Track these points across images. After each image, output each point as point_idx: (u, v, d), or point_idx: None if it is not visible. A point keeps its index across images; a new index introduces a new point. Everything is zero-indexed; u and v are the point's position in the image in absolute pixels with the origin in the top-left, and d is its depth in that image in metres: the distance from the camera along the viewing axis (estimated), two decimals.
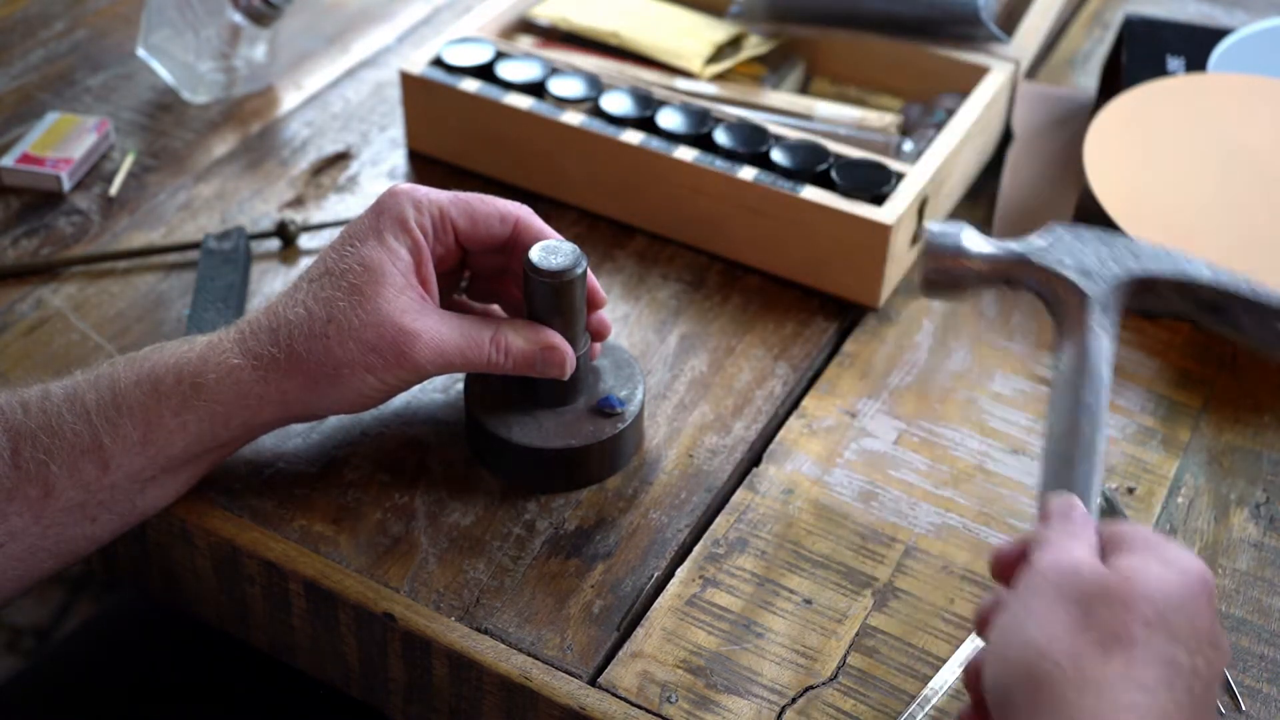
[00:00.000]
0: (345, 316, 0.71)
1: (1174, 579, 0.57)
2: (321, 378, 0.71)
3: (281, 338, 0.71)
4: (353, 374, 0.71)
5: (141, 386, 0.70)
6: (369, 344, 0.71)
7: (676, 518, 0.78)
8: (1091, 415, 0.66)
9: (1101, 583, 0.57)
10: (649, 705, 0.69)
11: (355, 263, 0.72)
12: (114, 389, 0.70)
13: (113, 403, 0.69)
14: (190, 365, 0.71)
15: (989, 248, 0.72)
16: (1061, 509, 0.63)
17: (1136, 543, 0.60)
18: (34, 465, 0.68)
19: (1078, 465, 0.65)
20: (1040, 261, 0.71)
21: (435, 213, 0.74)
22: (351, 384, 0.72)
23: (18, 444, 0.68)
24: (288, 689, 0.91)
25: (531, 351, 0.75)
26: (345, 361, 0.71)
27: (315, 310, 0.71)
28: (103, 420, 0.69)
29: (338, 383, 0.71)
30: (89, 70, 1.10)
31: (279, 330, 0.71)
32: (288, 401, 0.72)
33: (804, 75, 1.07)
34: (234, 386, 0.71)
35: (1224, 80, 1.01)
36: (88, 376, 0.70)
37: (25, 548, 0.68)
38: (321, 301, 0.71)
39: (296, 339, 0.71)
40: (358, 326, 0.71)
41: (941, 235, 0.72)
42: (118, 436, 0.69)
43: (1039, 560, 0.59)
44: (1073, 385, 0.67)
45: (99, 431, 0.69)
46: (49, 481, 0.68)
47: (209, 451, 0.73)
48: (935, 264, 0.72)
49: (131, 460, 0.70)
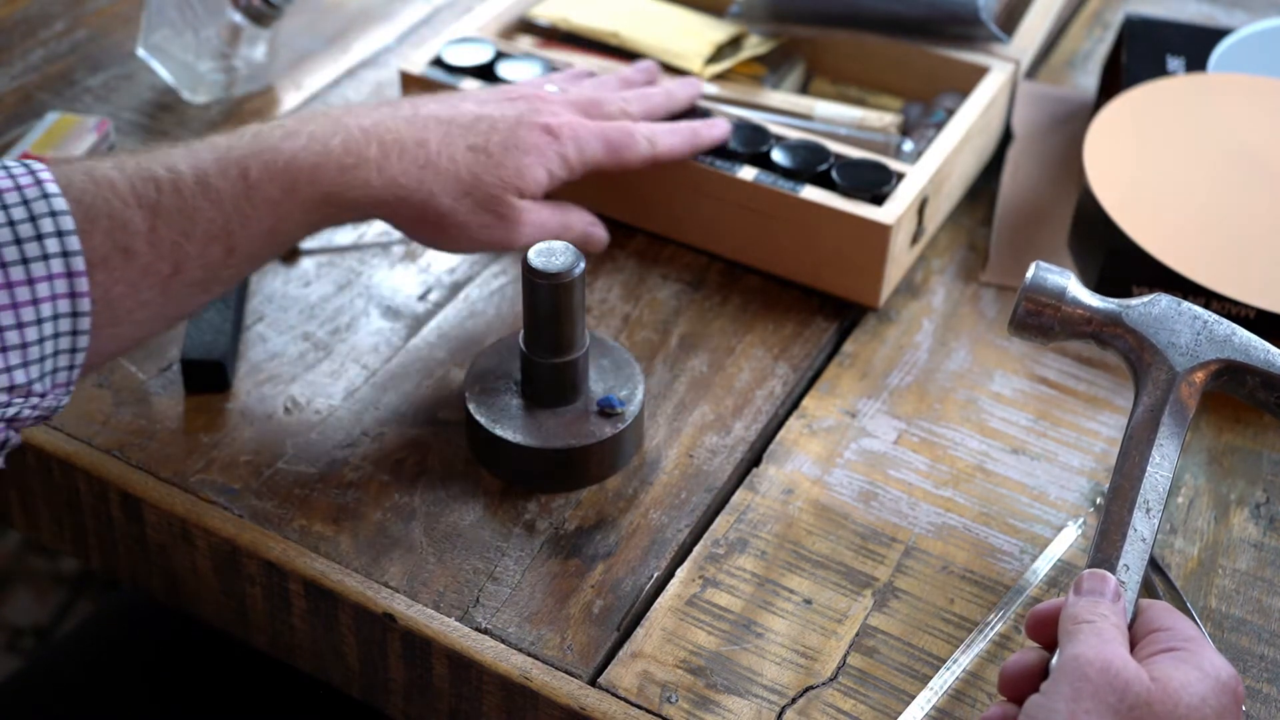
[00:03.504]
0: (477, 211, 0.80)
1: (1210, 691, 0.58)
2: (438, 227, 0.80)
3: (426, 185, 0.78)
4: (461, 233, 0.81)
5: (276, 184, 0.73)
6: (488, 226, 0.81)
7: (676, 518, 0.78)
8: (1149, 482, 0.67)
9: (1145, 697, 0.57)
10: (649, 705, 0.69)
11: (509, 176, 0.80)
12: (246, 180, 0.73)
13: (246, 195, 0.72)
14: (329, 176, 0.75)
15: (1089, 300, 0.72)
16: (1093, 585, 0.63)
17: (1174, 643, 0.60)
18: (168, 245, 0.70)
19: (1124, 531, 0.65)
20: (1135, 326, 0.71)
21: (586, 166, 0.84)
22: (459, 239, 0.81)
23: (154, 222, 0.70)
24: (288, 689, 0.91)
25: (582, 227, 0.86)
26: (467, 225, 0.80)
27: (461, 175, 0.79)
28: (235, 210, 0.72)
29: (443, 232, 0.80)
30: (89, 70, 1.10)
31: (425, 178, 0.78)
32: (399, 225, 0.80)
33: (804, 75, 1.07)
34: (368, 208, 0.78)
35: (1224, 80, 1.01)
36: (213, 158, 0.72)
37: (149, 315, 0.71)
38: (467, 168, 0.79)
39: (438, 194, 0.78)
40: (489, 224, 0.81)
41: (1046, 278, 0.73)
42: (247, 226, 0.73)
43: (1079, 654, 0.58)
44: (1139, 453, 0.68)
45: (230, 220, 0.72)
46: (179, 261, 0.71)
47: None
48: (1033, 306, 0.72)
49: (255, 248, 0.74)
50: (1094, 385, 0.87)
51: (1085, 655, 0.58)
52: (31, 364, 0.65)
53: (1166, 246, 0.87)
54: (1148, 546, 0.65)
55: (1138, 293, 0.88)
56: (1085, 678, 0.57)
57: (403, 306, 0.90)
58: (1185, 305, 0.72)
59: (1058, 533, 0.78)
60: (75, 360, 0.67)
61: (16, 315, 0.64)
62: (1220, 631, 0.74)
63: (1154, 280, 0.87)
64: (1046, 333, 0.73)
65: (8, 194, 0.64)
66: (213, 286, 0.74)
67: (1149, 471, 0.67)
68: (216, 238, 0.72)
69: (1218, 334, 0.70)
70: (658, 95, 0.92)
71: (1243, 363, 0.70)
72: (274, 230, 0.74)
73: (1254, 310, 0.86)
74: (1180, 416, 0.69)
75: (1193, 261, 0.86)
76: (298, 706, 0.91)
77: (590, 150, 0.84)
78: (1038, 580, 0.76)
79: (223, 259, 0.72)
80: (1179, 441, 0.68)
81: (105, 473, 0.79)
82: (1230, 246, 0.88)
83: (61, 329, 0.66)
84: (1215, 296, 0.86)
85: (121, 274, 0.68)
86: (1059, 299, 0.72)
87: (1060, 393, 0.87)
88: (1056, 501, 0.80)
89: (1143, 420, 0.69)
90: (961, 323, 0.91)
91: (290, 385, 0.85)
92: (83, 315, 0.66)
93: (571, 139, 0.83)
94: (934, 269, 0.95)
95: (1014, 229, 0.98)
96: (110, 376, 0.84)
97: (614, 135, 0.85)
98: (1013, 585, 0.75)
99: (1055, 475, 0.82)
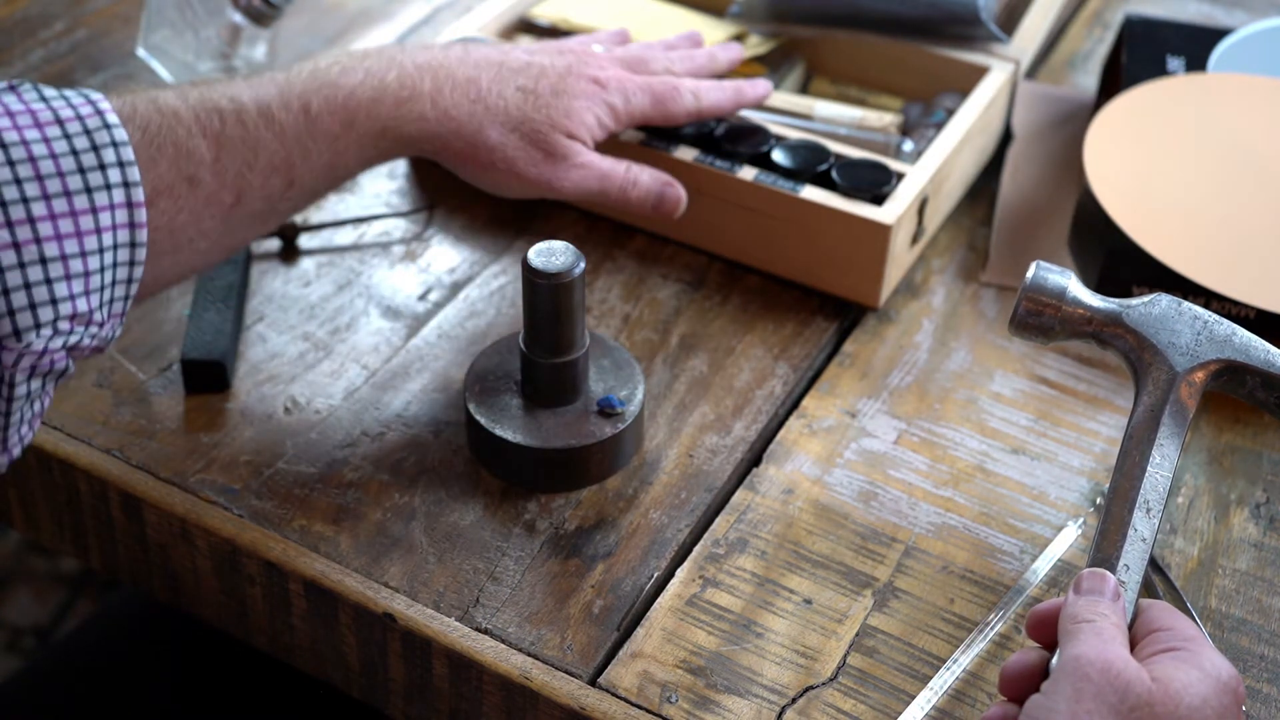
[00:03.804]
0: (525, 146, 0.82)
1: (1211, 692, 0.58)
2: (487, 162, 0.81)
3: (477, 118, 0.80)
4: (510, 168, 0.82)
5: (336, 117, 0.75)
6: (537, 163, 0.82)
7: (676, 518, 0.78)
8: (1149, 482, 0.67)
9: (1146, 697, 0.57)
10: (649, 705, 0.69)
11: (557, 116, 0.82)
12: (307, 114, 0.74)
13: (307, 130, 0.74)
14: (385, 110, 0.77)
15: (1090, 300, 0.72)
16: (1092, 584, 0.63)
17: (1174, 643, 0.60)
18: (232, 175, 0.71)
19: (1125, 530, 0.65)
20: (1135, 326, 0.71)
21: (633, 118, 0.87)
22: (508, 176, 0.82)
23: (219, 152, 0.71)
24: (288, 689, 0.91)
25: (657, 186, 0.87)
26: (515, 160, 0.81)
27: (510, 110, 0.81)
28: (296, 143, 0.74)
29: (492, 167, 0.82)
30: (89, 70, 1.09)
31: (476, 112, 0.80)
32: (449, 162, 0.82)
33: (804, 75, 1.07)
34: (421, 142, 0.79)
35: (1224, 80, 1.01)
36: (274, 91, 0.74)
37: (209, 245, 0.72)
38: (516, 106, 0.81)
39: (487, 127, 0.80)
40: (537, 160, 0.82)
41: (1046, 278, 0.73)
42: (308, 159, 0.75)
43: (1080, 654, 0.58)
44: (1139, 452, 0.68)
45: (292, 152, 0.74)
46: (242, 191, 0.72)
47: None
48: (1033, 305, 0.72)
49: (314, 180, 0.76)
50: (1094, 385, 0.87)
51: (1086, 655, 0.58)
52: (93, 292, 0.65)
53: (1166, 246, 0.87)
54: (1148, 546, 0.65)
55: (1138, 293, 0.88)
56: (1086, 678, 0.57)
57: (403, 306, 0.90)
58: (1185, 305, 0.72)
59: (1058, 533, 0.78)
60: (130, 291, 0.67)
61: (80, 243, 0.64)
62: (1220, 631, 0.74)
63: (1154, 280, 0.87)
64: (1046, 332, 0.73)
65: (69, 123, 0.64)
66: (270, 219, 0.75)
67: (1149, 471, 0.67)
68: (278, 169, 0.73)
69: (1218, 334, 0.70)
70: (701, 56, 0.94)
71: (1243, 363, 0.70)
72: (332, 165, 0.76)
73: (1254, 310, 0.86)
74: (1180, 416, 0.69)
75: (1193, 261, 0.86)
76: (298, 706, 0.91)
77: (637, 102, 0.86)
78: (1038, 580, 0.76)
79: (282, 191, 0.74)
80: (1179, 441, 0.68)
81: (105, 473, 0.79)
82: (1230, 246, 0.88)
83: (120, 259, 0.66)
84: (1215, 296, 0.86)
85: (186, 202, 0.69)
86: (1059, 299, 0.72)
87: (1060, 393, 0.87)
88: (1056, 501, 0.80)
89: (1143, 420, 0.69)
90: (961, 323, 0.91)
91: (290, 385, 0.85)
92: (139, 246, 0.66)
93: (619, 90, 0.86)
94: (934, 269, 0.95)
95: (1014, 229, 0.98)
96: (110, 376, 0.84)
97: (660, 88, 0.87)
98: (1013, 585, 0.75)
99: (1055, 475, 0.82)
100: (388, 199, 0.99)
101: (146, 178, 0.67)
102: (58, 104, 0.64)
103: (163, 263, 0.70)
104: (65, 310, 0.64)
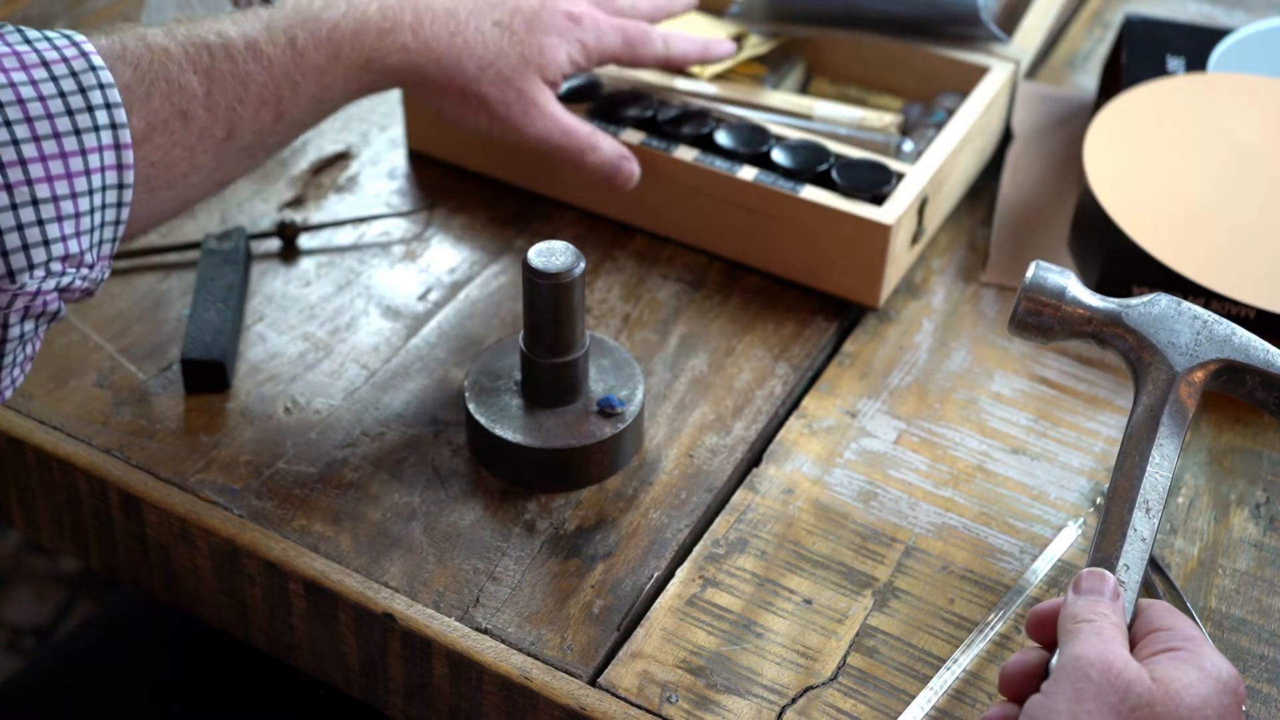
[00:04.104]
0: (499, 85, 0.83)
1: (1212, 692, 0.58)
2: (462, 96, 0.83)
3: (455, 50, 0.81)
4: (482, 107, 0.84)
5: (322, 51, 0.76)
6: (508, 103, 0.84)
7: (676, 518, 0.78)
8: (1149, 482, 0.67)
9: (1147, 697, 0.57)
10: (649, 705, 0.69)
11: (531, 54, 0.84)
12: (294, 48, 0.75)
13: (294, 63, 0.75)
14: (368, 42, 0.78)
15: (1089, 299, 0.72)
16: (1092, 584, 0.63)
17: (1174, 642, 0.60)
18: (224, 109, 0.72)
19: (1124, 530, 0.65)
20: (1135, 326, 0.71)
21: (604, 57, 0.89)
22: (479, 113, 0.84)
23: (210, 87, 0.72)
24: (288, 689, 0.91)
25: (615, 158, 0.88)
26: (488, 98, 0.83)
27: (487, 45, 0.83)
28: (284, 77, 0.75)
29: (465, 103, 0.84)
30: None
31: (455, 44, 0.81)
32: (427, 95, 0.84)
33: (804, 75, 1.07)
34: (403, 74, 0.81)
35: (1224, 80, 1.01)
36: (260, 26, 0.75)
37: (202, 180, 0.73)
38: (493, 41, 0.83)
39: (465, 60, 0.82)
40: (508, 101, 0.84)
41: (1046, 278, 0.73)
42: (296, 92, 0.76)
43: (1080, 654, 0.58)
44: (1139, 452, 0.68)
45: (280, 86, 0.75)
46: (233, 125, 0.73)
47: None
48: (1033, 305, 0.72)
49: (302, 113, 0.77)
50: (1094, 385, 0.87)
51: (1086, 655, 0.58)
52: (84, 234, 0.65)
53: (1166, 246, 0.87)
54: (1148, 546, 0.65)
55: (1138, 293, 0.88)
56: (1087, 678, 0.57)
57: (403, 306, 0.90)
58: (1185, 305, 0.72)
59: (1058, 533, 0.78)
60: (118, 233, 0.68)
61: (70, 185, 0.64)
62: (1220, 631, 0.74)
63: (1154, 280, 0.87)
64: (1046, 332, 0.73)
65: (55, 65, 0.64)
66: (258, 153, 0.77)
67: (1149, 471, 0.67)
68: (268, 103, 0.74)
69: (1217, 334, 0.70)
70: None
71: (1242, 363, 0.70)
72: (319, 97, 0.77)
73: (1254, 310, 0.86)
74: (1180, 416, 0.69)
75: (1193, 261, 0.86)
76: (298, 706, 0.91)
77: (609, 41, 0.88)
78: (1038, 580, 0.76)
79: (272, 124, 0.75)
80: (1179, 441, 0.68)
81: (105, 473, 0.79)
82: (1230, 246, 0.88)
83: (109, 200, 0.66)
84: (1215, 296, 0.86)
85: (180, 137, 0.70)
86: (1059, 299, 0.72)
87: (1060, 393, 0.87)
88: (1056, 501, 0.80)
89: (1142, 420, 0.69)
90: (961, 323, 0.91)
91: (290, 385, 0.85)
92: (127, 188, 0.67)
93: (593, 27, 0.87)
94: (934, 269, 0.95)
95: (1014, 229, 0.98)
96: (110, 376, 0.84)
97: (632, 31, 0.89)
98: (1013, 585, 0.75)
99: (1055, 475, 0.82)
100: (388, 199, 0.99)
101: (140, 113, 0.68)
102: (42, 45, 0.64)
103: (158, 198, 0.71)
104: (58, 251, 0.64)
